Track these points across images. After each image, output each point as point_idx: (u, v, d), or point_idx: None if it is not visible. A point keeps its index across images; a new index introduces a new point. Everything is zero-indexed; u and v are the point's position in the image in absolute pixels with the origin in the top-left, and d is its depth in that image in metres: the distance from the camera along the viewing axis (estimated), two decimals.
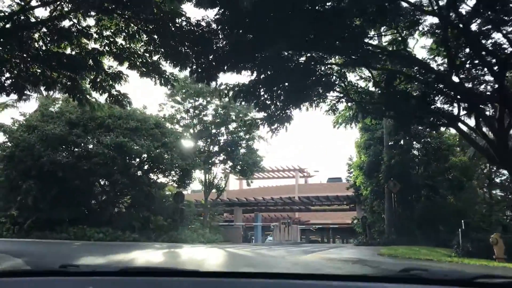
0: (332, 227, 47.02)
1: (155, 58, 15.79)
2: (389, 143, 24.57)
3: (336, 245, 30.02)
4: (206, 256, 12.60)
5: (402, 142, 24.90)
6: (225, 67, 16.00)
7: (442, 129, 23.74)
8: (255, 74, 16.97)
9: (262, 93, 18.50)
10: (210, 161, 33.34)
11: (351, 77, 19.69)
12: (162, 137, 25.59)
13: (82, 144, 23.33)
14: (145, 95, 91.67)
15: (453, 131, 24.66)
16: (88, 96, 17.68)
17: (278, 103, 18.75)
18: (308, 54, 16.61)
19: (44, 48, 15.47)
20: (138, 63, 16.01)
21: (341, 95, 19.68)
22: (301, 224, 41.52)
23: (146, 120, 25.41)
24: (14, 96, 34.22)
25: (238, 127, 29.89)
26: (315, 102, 19.24)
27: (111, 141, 23.12)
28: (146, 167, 27.08)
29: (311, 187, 49.24)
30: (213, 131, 33.83)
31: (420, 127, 23.88)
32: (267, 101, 18.67)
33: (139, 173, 26.95)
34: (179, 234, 26.07)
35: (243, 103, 19.43)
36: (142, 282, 1.87)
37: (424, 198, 24.32)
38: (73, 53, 15.92)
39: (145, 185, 25.96)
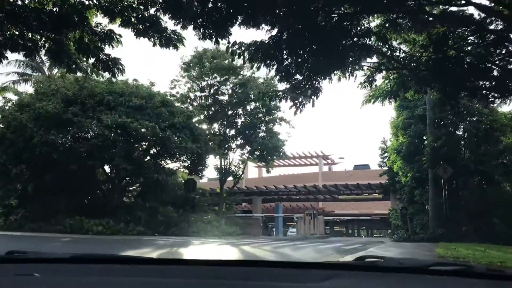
0: (363, 218, 43.62)
1: (152, 11, 12.61)
2: (434, 122, 21.03)
3: (369, 240, 26.67)
4: (213, 256, 9.44)
5: (447, 120, 21.30)
6: (239, 20, 12.84)
7: (495, 105, 20.37)
8: (276, 30, 13.84)
9: (285, 56, 15.31)
10: (226, 146, 30.17)
11: (394, 40, 16.49)
12: (170, 117, 22.47)
13: (79, 124, 20.34)
14: (157, 72, 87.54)
15: (506, 108, 21.07)
16: (78, 61, 14.76)
17: (304, 70, 15.52)
18: (343, 9, 13.45)
19: (20, 3, 12.48)
20: (132, 19, 12.79)
21: (381, 62, 16.45)
22: (326, 215, 38.17)
23: (151, 98, 22.30)
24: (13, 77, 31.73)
25: (258, 99, 26.77)
26: (350, 70, 16.02)
27: (112, 121, 20.11)
28: (152, 151, 24.02)
29: (335, 175, 45.73)
30: (230, 112, 30.63)
31: (469, 103, 20.39)
32: (291, 67, 15.46)
33: (146, 158, 23.95)
34: (190, 226, 23.07)
35: (262, 70, 16.04)
36: (93, 270, 1.77)
37: (475, 186, 20.73)
38: (56, 9, 12.91)
39: (152, 171, 22.95)
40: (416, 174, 21.32)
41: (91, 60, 13.74)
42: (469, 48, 16.62)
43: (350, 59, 15.85)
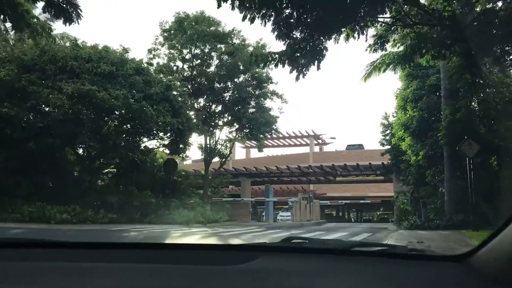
0: (363, 202, 41.22)
1: None
2: (450, 93, 18.31)
3: (372, 226, 24.10)
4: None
5: (466, 91, 18.58)
6: None
7: None
8: None
9: (284, 4, 12.48)
10: (212, 123, 27.20)
11: None
12: (146, 87, 19.38)
13: (37, 94, 17.14)
14: (134, 42, 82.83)
15: None
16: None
17: (306, 25, 12.68)
18: None
19: None
20: None
21: (397, 16, 13.75)
22: (320, 198, 35.54)
23: (124, 65, 19.14)
24: None
25: (250, 64, 23.82)
26: (360, 26, 13.21)
27: (74, 89, 16.95)
28: (126, 126, 20.91)
29: (327, 155, 43.10)
30: (217, 85, 27.57)
31: (493, 69, 17.87)
32: (291, 19, 12.65)
33: (119, 135, 20.86)
34: (171, 213, 20.21)
35: (254, 35, 12.91)
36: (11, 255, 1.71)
37: (496, 165, 18.12)
38: None
39: (126, 150, 19.93)
40: (429, 152, 18.61)
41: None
42: (500, 3, 13.98)
43: (362, 12, 13.05)
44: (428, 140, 18.66)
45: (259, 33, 61.70)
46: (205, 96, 27.56)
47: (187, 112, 21.91)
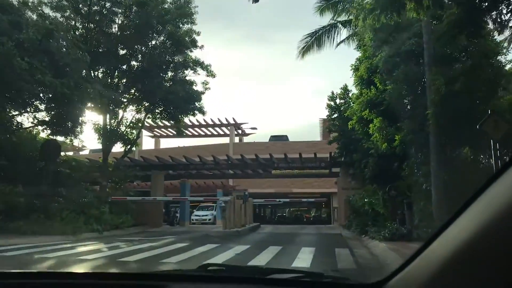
0: (306, 201, 36.72)
1: None
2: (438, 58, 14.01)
3: (330, 231, 19.07)
4: None
5: (462, 55, 14.40)
6: None
7: None
8: None
9: None
10: (113, 98, 20.72)
11: None
12: (14, 30, 12.75)
13: None
14: None
15: None
16: None
17: None
18: None
19: None
20: None
21: None
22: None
23: None
24: None
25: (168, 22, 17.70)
26: None
27: None
28: None
29: (249, 147, 38.03)
30: (122, 51, 21.17)
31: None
32: None
33: None
34: (50, 218, 13.81)
35: None
36: None
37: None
38: None
39: None
40: (408, 136, 14.16)
41: None
42: None
43: None
44: (407, 121, 14.21)
45: None
46: (106, 65, 21.00)
47: (79, 72, 15.34)
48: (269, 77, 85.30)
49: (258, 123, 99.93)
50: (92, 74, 20.27)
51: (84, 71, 15.96)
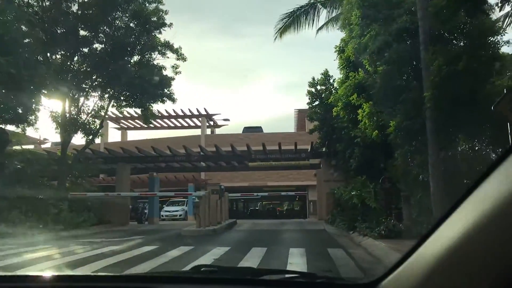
0: (286, 195, 35.18)
1: None
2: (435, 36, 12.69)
3: (313, 227, 17.52)
4: None
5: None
6: None
7: None
8: None
9: None
10: (73, 84, 18.64)
11: None
12: None
13: None
14: None
15: None
16: None
17: None
18: None
19: None
20: None
21: None
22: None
23: None
24: None
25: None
26: None
27: None
28: None
29: (223, 139, 36.12)
30: (83, 32, 19.08)
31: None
32: None
33: None
34: None
35: None
36: None
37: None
38: None
39: None
40: (403, 123, 12.81)
41: None
42: None
43: None
44: (404, 105, 12.87)
45: None
46: (65, 47, 18.87)
47: (32, 53, 13.30)
48: (241, 70, 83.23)
49: (230, 115, 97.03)
50: (49, 57, 18.20)
51: (37, 49, 13.88)
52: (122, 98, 19.21)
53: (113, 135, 43.58)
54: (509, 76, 13.26)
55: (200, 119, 38.50)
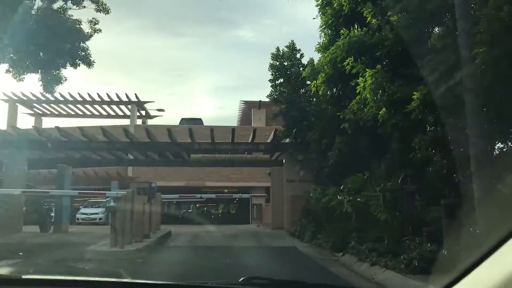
0: (239, 197, 30.21)
1: None
2: None
3: (283, 245, 12.79)
4: None
5: None
6: None
7: None
8: None
9: None
10: None
11: None
12: None
13: None
14: None
15: None
16: None
17: None
18: None
19: None
20: None
21: None
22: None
23: None
24: None
25: None
26: None
27: None
28: None
29: (155, 130, 30.97)
30: None
31: None
32: None
33: None
34: None
35: None
36: None
37: None
38: None
39: None
40: (428, 95, 8.76)
41: None
42: None
43: None
44: (430, 71, 8.79)
45: None
46: None
47: None
48: (176, 69, 76.91)
49: (166, 109, 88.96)
50: None
51: None
52: (15, 57, 13.61)
53: (25, 122, 36.76)
54: None
55: (129, 106, 32.78)
